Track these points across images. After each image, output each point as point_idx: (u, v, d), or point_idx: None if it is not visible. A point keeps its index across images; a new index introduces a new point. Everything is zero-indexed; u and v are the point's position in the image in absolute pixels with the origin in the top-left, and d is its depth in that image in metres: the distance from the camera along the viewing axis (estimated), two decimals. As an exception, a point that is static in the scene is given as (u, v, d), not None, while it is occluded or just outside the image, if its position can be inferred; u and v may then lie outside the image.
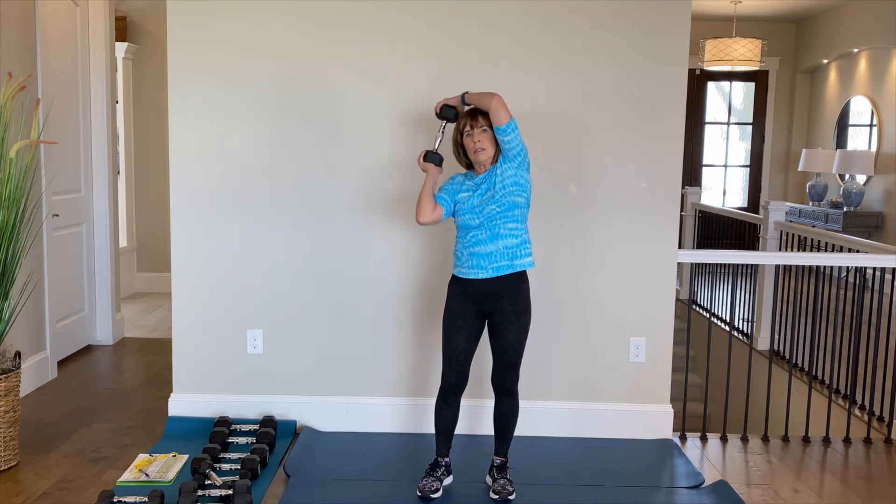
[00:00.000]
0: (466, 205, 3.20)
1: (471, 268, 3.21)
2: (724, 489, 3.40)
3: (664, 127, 3.83)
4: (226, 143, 3.86)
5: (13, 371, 3.50)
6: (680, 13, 3.77)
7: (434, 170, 3.26)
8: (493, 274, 3.19)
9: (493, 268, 3.19)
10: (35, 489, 3.32)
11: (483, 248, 3.18)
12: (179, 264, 3.93)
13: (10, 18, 4.27)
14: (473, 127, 3.20)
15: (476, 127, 3.19)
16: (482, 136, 3.19)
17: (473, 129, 3.20)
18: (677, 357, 4.91)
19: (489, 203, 3.17)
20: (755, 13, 9.18)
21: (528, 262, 3.24)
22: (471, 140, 3.20)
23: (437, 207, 3.24)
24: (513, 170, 3.18)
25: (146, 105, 7.35)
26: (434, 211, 3.24)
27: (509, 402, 3.34)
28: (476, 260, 3.20)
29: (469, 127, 3.21)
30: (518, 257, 3.21)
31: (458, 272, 3.27)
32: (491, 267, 3.19)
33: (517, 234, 3.21)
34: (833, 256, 4.57)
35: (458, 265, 3.27)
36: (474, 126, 3.20)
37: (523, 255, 3.23)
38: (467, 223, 3.21)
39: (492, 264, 3.19)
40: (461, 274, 3.25)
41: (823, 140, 9.45)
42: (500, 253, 3.18)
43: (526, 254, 3.24)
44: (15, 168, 3.44)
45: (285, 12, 3.78)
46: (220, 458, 3.56)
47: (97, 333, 5.52)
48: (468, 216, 3.20)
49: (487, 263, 3.19)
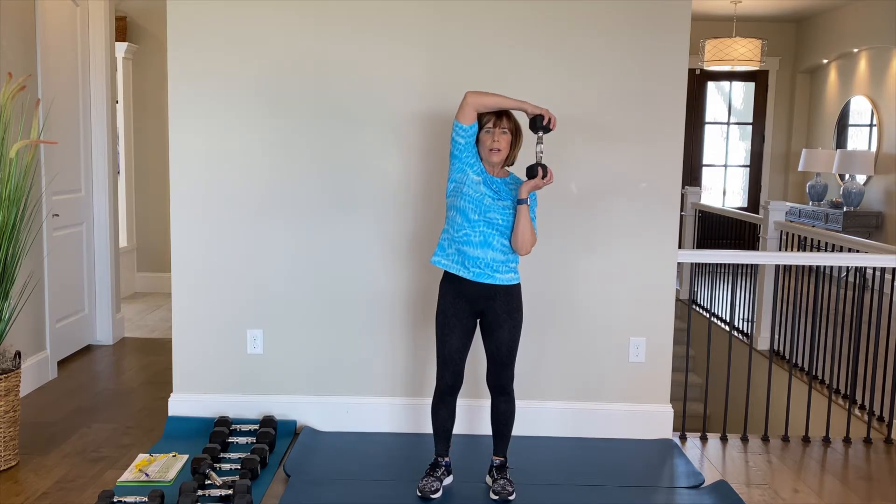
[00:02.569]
0: (476, 188, 3.15)
1: (454, 262, 3.19)
2: (724, 489, 3.40)
3: (664, 127, 3.83)
4: (226, 143, 3.86)
5: (13, 371, 3.50)
6: (680, 13, 3.77)
7: None
8: (472, 277, 3.17)
9: (474, 272, 3.17)
10: (35, 489, 3.32)
11: (471, 249, 3.16)
12: (179, 264, 3.93)
13: (10, 18, 4.28)
14: (496, 126, 3.18)
15: (499, 126, 3.17)
16: (502, 137, 3.17)
17: (496, 127, 3.17)
18: (677, 357, 4.92)
19: (496, 210, 3.15)
20: (755, 13, 9.18)
21: (510, 277, 3.22)
22: (490, 137, 3.17)
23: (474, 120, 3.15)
24: (532, 201, 3.19)
25: (146, 105, 7.35)
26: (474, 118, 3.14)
27: (505, 400, 3.33)
28: (461, 257, 3.18)
29: (492, 124, 3.18)
30: (501, 272, 3.19)
31: (439, 262, 3.23)
32: (473, 270, 3.17)
33: (506, 252, 3.19)
34: (833, 256, 4.57)
35: (441, 254, 3.23)
36: (497, 125, 3.17)
37: (507, 272, 3.20)
38: (465, 209, 3.14)
39: (475, 268, 3.16)
40: (441, 265, 3.22)
41: (823, 140, 9.45)
42: (485, 262, 3.16)
43: (509, 270, 3.21)
44: (15, 168, 3.44)
45: (285, 13, 3.78)
46: (220, 458, 3.56)
47: (97, 333, 5.52)
48: (470, 202, 3.13)
49: (471, 265, 3.17)
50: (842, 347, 4.65)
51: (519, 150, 3.27)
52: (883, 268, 4.17)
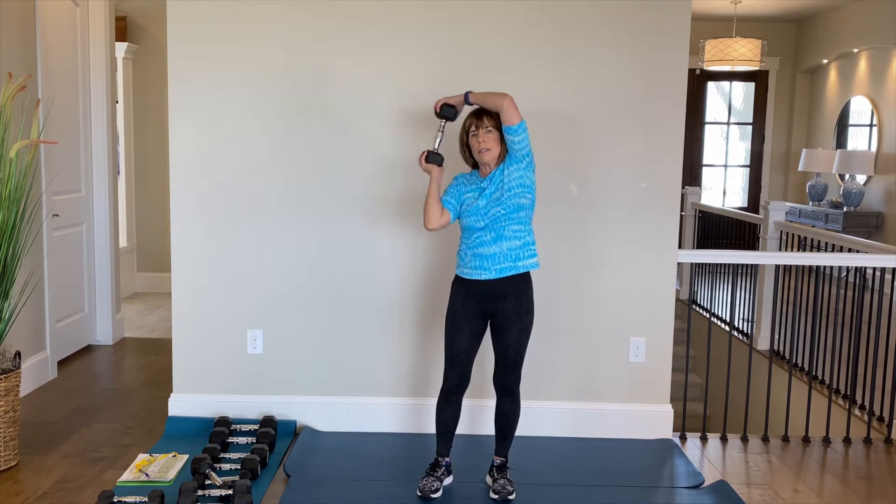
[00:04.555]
0: (472, 207, 3.19)
1: (474, 269, 3.21)
2: (724, 489, 3.40)
3: (664, 127, 3.83)
4: (226, 143, 3.86)
5: (13, 371, 3.50)
6: (680, 13, 3.77)
7: (437, 171, 3.25)
8: (496, 275, 3.18)
9: (496, 269, 3.18)
10: (35, 489, 3.32)
11: (487, 249, 3.18)
12: (179, 264, 3.93)
13: (10, 18, 4.28)
14: (479, 127, 3.19)
15: (481, 127, 3.19)
16: (487, 137, 3.18)
17: (479, 129, 3.19)
18: (677, 357, 4.92)
19: (495, 205, 3.16)
20: (755, 13, 9.18)
21: (532, 262, 3.24)
22: (476, 140, 3.20)
23: (444, 212, 3.23)
24: (520, 171, 3.17)
25: (146, 105, 7.34)
26: (442, 216, 3.22)
27: (510, 402, 3.34)
28: (480, 261, 3.20)
29: (474, 127, 3.20)
30: (521, 258, 3.21)
31: (462, 272, 3.26)
32: (494, 268, 3.18)
33: (521, 236, 3.20)
34: (833, 256, 4.58)
35: (462, 266, 3.27)
36: (479, 126, 3.19)
37: (527, 257, 3.22)
38: (472, 225, 3.20)
39: (495, 265, 3.18)
40: (464, 275, 3.24)
41: (823, 140, 9.45)
42: (503, 255, 3.18)
43: (530, 255, 3.23)
44: (15, 168, 3.44)
45: (286, 12, 3.78)
46: (220, 458, 3.56)
47: (97, 333, 5.52)
48: (473, 218, 3.19)
49: (491, 265, 3.19)
50: (842, 347, 4.65)
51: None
52: (883, 268, 4.17)
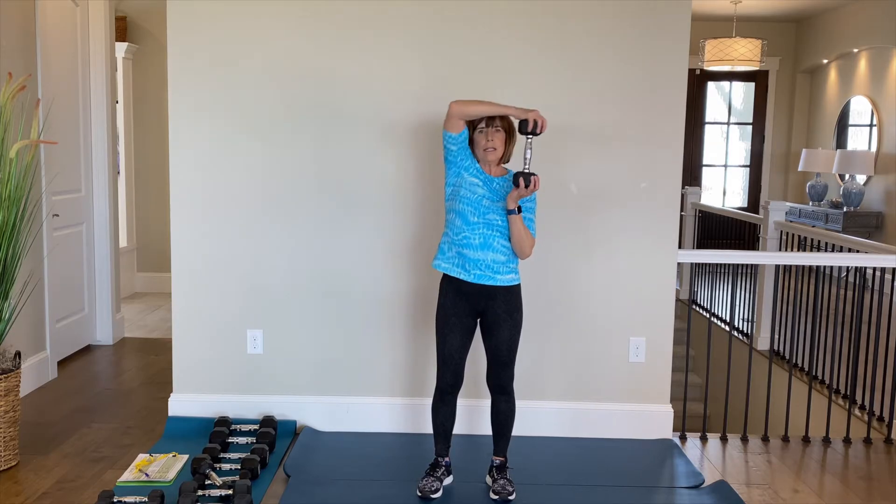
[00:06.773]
0: (473, 190, 3.16)
1: (454, 265, 3.19)
2: (724, 489, 3.40)
3: (664, 127, 3.83)
4: (226, 144, 3.86)
5: (13, 371, 3.50)
6: (680, 13, 3.77)
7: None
8: (473, 279, 3.17)
9: (475, 274, 3.17)
10: (35, 489, 3.32)
11: (471, 252, 3.16)
12: (179, 264, 3.93)
13: (10, 18, 4.28)
14: (489, 125, 3.19)
15: (491, 125, 3.19)
16: (495, 136, 3.18)
17: (489, 126, 3.19)
18: (677, 357, 4.92)
19: (495, 211, 3.15)
20: (755, 13, 9.18)
21: (510, 278, 3.22)
22: (483, 137, 3.19)
23: (463, 127, 3.17)
24: (531, 202, 3.20)
25: (146, 105, 7.35)
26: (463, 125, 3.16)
27: (505, 400, 3.33)
28: (461, 260, 3.18)
29: (485, 124, 3.19)
30: (501, 273, 3.19)
31: (440, 266, 3.23)
32: (474, 273, 3.17)
33: (507, 253, 3.19)
34: (833, 256, 4.57)
35: (441, 258, 3.23)
36: (490, 124, 3.19)
37: (507, 272, 3.20)
38: (463, 212, 3.15)
39: (475, 270, 3.16)
40: (442, 268, 3.22)
41: (823, 140, 9.45)
42: (486, 264, 3.16)
43: (510, 270, 3.21)
44: (15, 168, 3.44)
45: (286, 13, 3.78)
46: (220, 458, 3.56)
47: (97, 333, 5.52)
48: (468, 205, 3.14)
49: (471, 268, 3.17)
50: (842, 347, 4.65)
51: (513, 146, 3.28)
52: (883, 268, 4.17)
